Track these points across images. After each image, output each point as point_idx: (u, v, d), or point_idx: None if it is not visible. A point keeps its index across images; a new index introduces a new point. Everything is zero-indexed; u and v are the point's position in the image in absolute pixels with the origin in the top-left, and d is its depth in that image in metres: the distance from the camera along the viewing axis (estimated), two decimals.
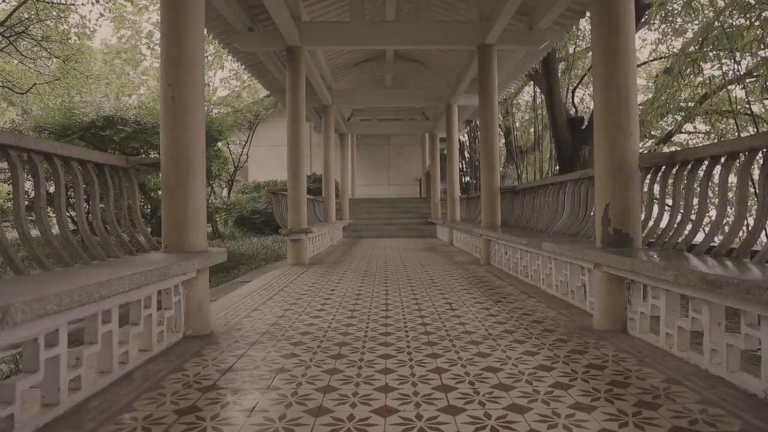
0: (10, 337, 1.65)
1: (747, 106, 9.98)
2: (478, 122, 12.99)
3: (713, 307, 2.25)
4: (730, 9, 8.11)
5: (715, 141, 10.73)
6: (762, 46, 7.86)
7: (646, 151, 10.80)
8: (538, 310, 3.67)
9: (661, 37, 11.64)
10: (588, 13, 6.69)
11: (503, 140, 18.07)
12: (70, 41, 15.16)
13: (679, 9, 9.50)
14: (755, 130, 9.76)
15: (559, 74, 12.36)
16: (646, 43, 19.72)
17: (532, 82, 14.64)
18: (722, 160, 2.79)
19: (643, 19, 9.55)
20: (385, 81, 13.02)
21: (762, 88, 8.17)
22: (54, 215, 3.06)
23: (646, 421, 1.75)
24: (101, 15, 18.78)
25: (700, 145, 11.77)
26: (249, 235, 14.56)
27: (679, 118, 11.67)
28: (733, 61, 8.62)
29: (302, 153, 7.40)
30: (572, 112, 13.94)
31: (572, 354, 2.57)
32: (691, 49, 8.94)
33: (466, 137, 20.59)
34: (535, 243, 4.50)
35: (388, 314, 3.60)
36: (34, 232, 3.34)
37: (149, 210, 11.26)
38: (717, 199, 2.88)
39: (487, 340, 2.85)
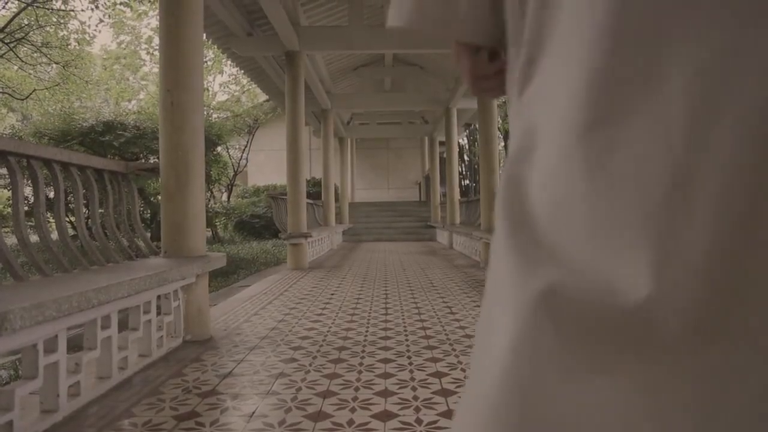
0: (9, 343, 1.64)
1: None
2: (477, 125, 13.02)
3: None
4: None
5: None
6: None
7: None
8: None
9: None
10: None
11: (503, 143, 18.11)
12: (69, 47, 15.17)
13: None
14: None
15: None
16: None
17: None
18: None
19: None
20: (384, 85, 13.04)
21: None
22: (53, 221, 3.07)
23: None
24: (101, 21, 18.80)
25: None
26: (249, 239, 14.57)
27: None
28: None
29: (302, 157, 7.41)
30: None
31: None
32: None
33: (466, 140, 20.62)
34: None
35: (387, 318, 3.60)
36: (34, 238, 3.34)
37: (149, 215, 11.26)
38: None
39: None
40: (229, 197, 17.20)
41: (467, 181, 20.05)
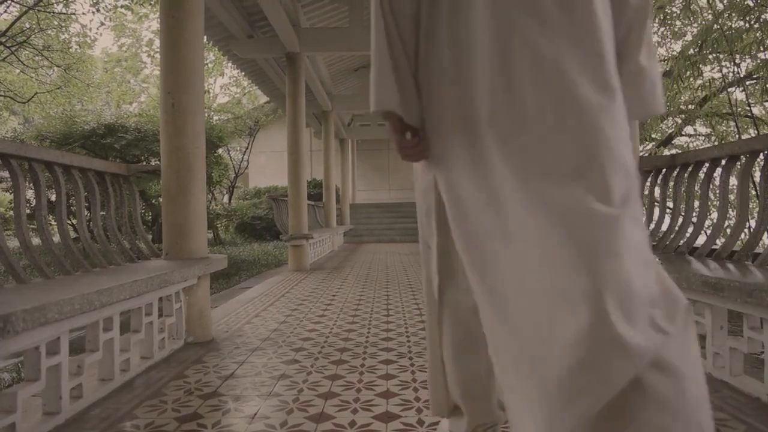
0: (11, 346, 1.65)
1: (747, 108, 9.99)
2: None
3: (715, 311, 2.24)
4: (729, 12, 8.13)
5: (716, 144, 10.72)
6: (762, 49, 7.88)
7: (646, 154, 10.78)
8: None
9: (660, 40, 11.66)
10: None
11: None
12: (71, 50, 15.20)
13: (678, 12, 9.53)
14: (756, 132, 9.76)
15: None
16: None
17: None
18: (723, 162, 2.79)
19: None
20: None
21: (762, 91, 8.17)
22: (55, 223, 3.08)
23: None
24: (102, 24, 18.86)
25: (700, 147, 11.76)
26: (250, 240, 14.58)
27: (680, 121, 11.69)
28: (732, 63, 8.63)
29: (302, 158, 7.41)
30: None
31: None
32: (691, 51, 8.95)
33: None
34: None
35: (389, 319, 3.59)
36: (36, 241, 3.34)
37: (150, 217, 11.27)
38: (718, 202, 2.87)
39: None
40: (230, 199, 17.21)
41: None
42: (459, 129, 1.08)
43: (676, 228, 3.10)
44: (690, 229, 3.04)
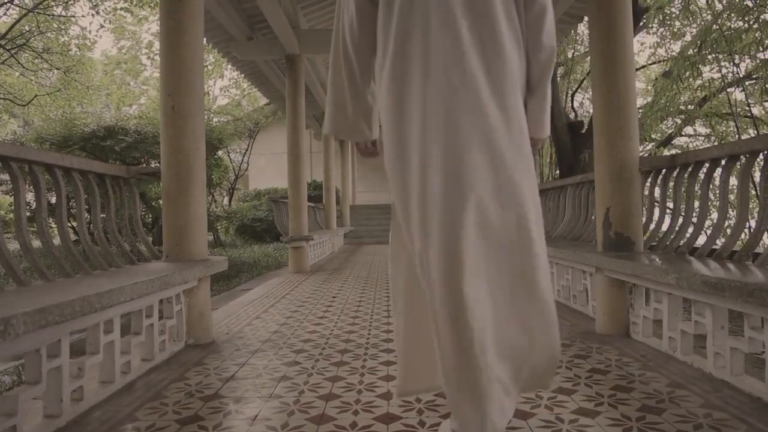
0: (12, 349, 1.65)
1: (747, 108, 10.00)
2: None
3: (716, 311, 2.24)
4: (728, 12, 8.14)
5: (716, 144, 10.72)
6: (761, 49, 7.88)
7: (646, 155, 10.77)
8: None
9: (659, 40, 11.67)
10: (586, 18, 6.72)
11: None
12: (70, 53, 15.21)
13: (678, 12, 9.53)
14: (755, 132, 9.77)
15: (558, 79, 12.38)
16: (645, 47, 19.81)
17: None
18: (722, 162, 2.79)
19: (641, 23, 9.58)
20: None
21: (761, 91, 8.18)
22: (55, 226, 3.07)
23: (650, 426, 1.74)
24: (101, 26, 18.85)
25: (700, 147, 11.75)
26: (250, 242, 14.59)
27: (679, 121, 11.69)
28: (732, 63, 8.64)
29: (302, 160, 7.41)
30: (572, 116, 13.95)
31: (575, 359, 2.56)
32: (690, 52, 8.95)
33: None
34: None
35: (389, 320, 3.59)
36: (36, 243, 3.34)
37: (150, 219, 11.27)
38: (718, 202, 2.88)
39: None
40: (230, 201, 17.22)
41: None
42: (399, 141, 1.49)
43: (676, 228, 3.10)
44: (690, 229, 3.04)
